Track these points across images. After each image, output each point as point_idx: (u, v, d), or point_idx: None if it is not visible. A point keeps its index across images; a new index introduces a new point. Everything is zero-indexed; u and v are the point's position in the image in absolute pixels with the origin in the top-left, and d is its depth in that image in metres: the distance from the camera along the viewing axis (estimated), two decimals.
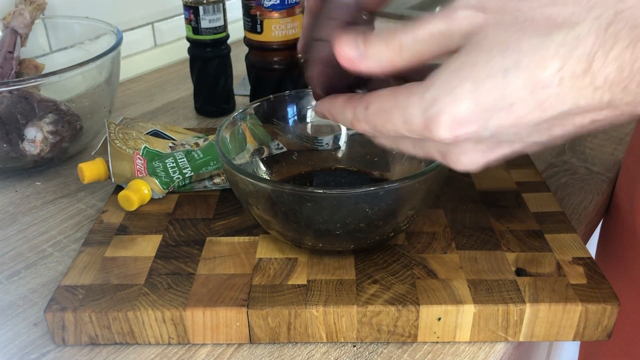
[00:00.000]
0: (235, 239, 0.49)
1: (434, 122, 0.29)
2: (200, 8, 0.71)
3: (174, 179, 0.55)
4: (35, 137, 0.61)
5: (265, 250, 0.48)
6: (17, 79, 0.67)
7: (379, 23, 0.38)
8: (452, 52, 0.30)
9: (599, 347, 0.67)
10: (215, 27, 0.73)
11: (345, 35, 0.31)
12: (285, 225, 0.45)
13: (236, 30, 0.89)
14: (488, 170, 0.58)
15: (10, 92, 0.62)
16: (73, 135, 0.65)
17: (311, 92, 0.43)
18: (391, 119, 0.31)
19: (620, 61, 0.26)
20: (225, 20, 0.73)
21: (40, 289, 0.49)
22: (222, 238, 0.50)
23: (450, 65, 0.29)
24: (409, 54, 0.30)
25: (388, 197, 0.43)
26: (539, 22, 0.27)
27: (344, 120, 0.35)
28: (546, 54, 0.27)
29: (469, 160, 0.31)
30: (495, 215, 0.51)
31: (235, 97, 0.81)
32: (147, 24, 0.94)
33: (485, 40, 0.28)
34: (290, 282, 0.44)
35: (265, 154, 0.55)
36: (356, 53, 0.31)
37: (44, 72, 0.72)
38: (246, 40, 0.73)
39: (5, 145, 0.62)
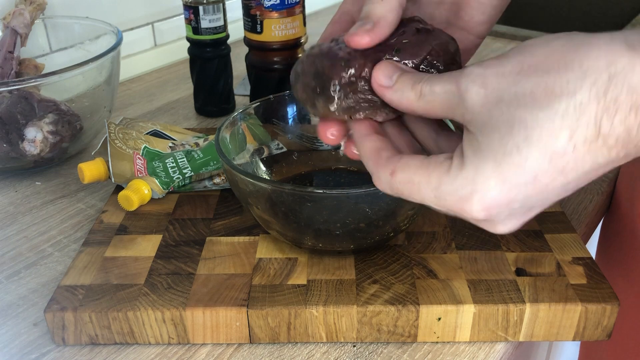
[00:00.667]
0: (235, 239, 0.49)
1: (468, 202, 0.30)
2: (200, 8, 0.71)
3: (174, 179, 0.56)
4: (35, 137, 0.61)
5: (265, 250, 0.48)
6: (17, 79, 0.67)
7: None
8: (458, 119, 0.31)
9: (599, 347, 0.67)
10: (215, 27, 0.73)
11: (388, 63, 0.34)
12: (285, 225, 0.45)
13: (236, 30, 0.89)
14: None
15: (10, 92, 0.62)
16: (73, 135, 0.65)
17: None
18: (420, 192, 0.32)
19: (626, 124, 0.27)
20: (225, 20, 0.73)
21: (40, 289, 0.49)
22: (222, 238, 0.50)
23: (471, 147, 0.30)
24: (425, 102, 0.32)
25: (388, 197, 0.43)
26: (538, 95, 0.28)
27: (365, 166, 0.36)
28: (553, 125, 0.27)
29: (505, 228, 0.32)
30: None
31: (235, 97, 0.81)
32: (147, 24, 0.94)
33: (492, 120, 0.29)
34: (290, 282, 0.44)
35: (265, 154, 0.55)
36: (387, 83, 0.34)
37: (43, 72, 0.72)
38: (246, 40, 0.73)
39: (5, 145, 0.62)
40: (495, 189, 0.29)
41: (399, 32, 0.36)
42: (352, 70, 0.35)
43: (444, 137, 0.36)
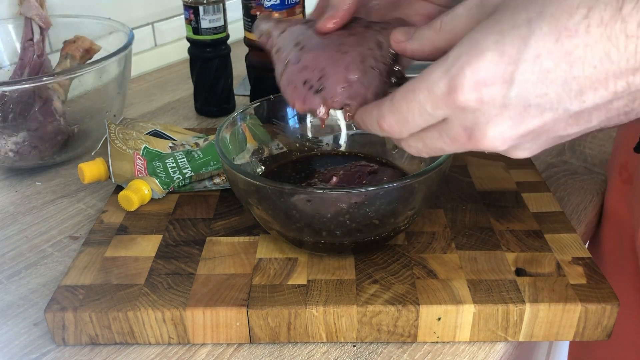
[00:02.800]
0: (235, 239, 0.49)
1: (457, 79, 0.28)
2: (200, 8, 0.71)
3: (174, 179, 0.56)
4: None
5: (265, 250, 0.48)
6: (15, 80, 0.68)
7: None
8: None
9: (590, 347, 0.67)
10: (215, 27, 0.73)
11: (404, 27, 0.35)
12: (285, 225, 0.45)
13: (236, 30, 0.89)
14: (488, 170, 0.58)
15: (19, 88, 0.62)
16: (53, 148, 0.65)
17: None
18: (416, 96, 0.30)
19: None
20: (225, 20, 0.73)
21: (40, 289, 0.49)
22: (222, 238, 0.50)
23: (476, 26, 0.28)
24: (447, 31, 0.31)
25: (388, 197, 0.43)
26: None
27: (371, 121, 0.35)
28: (572, 2, 0.26)
29: (497, 131, 0.29)
30: (495, 215, 0.51)
31: (235, 97, 0.81)
32: (147, 24, 0.94)
33: (512, 1, 0.28)
34: (290, 282, 0.44)
35: (265, 154, 0.55)
36: (405, 37, 0.34)
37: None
38: (246, 40, 0.73)
39: None
40: (491, 61, 0.27)
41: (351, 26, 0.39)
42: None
43: None
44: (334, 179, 0.49)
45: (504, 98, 0.28)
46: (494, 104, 0.28)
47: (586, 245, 0.52)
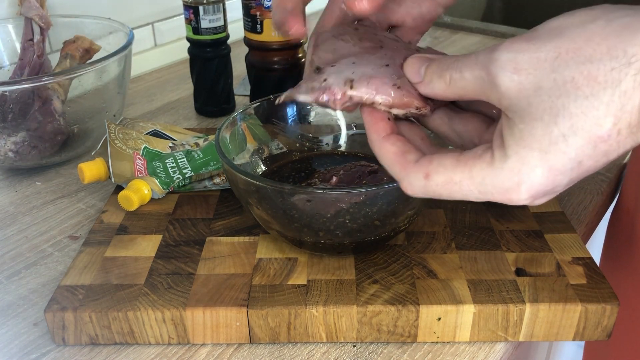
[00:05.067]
0: (235, 239, 0.49)
1: (515, 192, 0.30)
2: (200, 8, 0.71)
3: (174, 179, 0.56)
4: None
5: (265, 250, 0.48)
6: (15, 80, 0.68)
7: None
8: (495, 103, 0.31)
9: (604, 348, 0.67)
10: (215, 27, 0.73)
11: (415, 58, 0.35)
12: (285, 225, 0.45)
13: (236, 30, 0.89)
14: None
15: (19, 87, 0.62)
16: (52, 149, 0.65)
17: None
18: (462, 190, 0.32)
19: None
20: (225, 20, 0.73)
21: (40, 289, 0.49)
22: (222, 238, 0.50)
23: (513, 136, 0.30)
24: (457, 88, 0.32)
25: (388, 197, 0.43)
26: (580, 83, 0.27)
27: (390, 171, 0.35)
28: (598, 114, 0.27)
29: (541, 202, 0.32)
30: (495, 215, 0.51)
31: (235, 97, 0.81)
32: (147, 24, 0.94)
33: (532, 108, 0.29)
34: (290, 282, 0.44)
35: (265, 154, 0.55)
36: (418, 78, 0.35)
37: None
38: (246, 40, 0.73)
39: None
40: (542, 177, 0.29)
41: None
42: None
43: (457, 119, 0.36)
44: (334, 178, 0.50)
45: (553, 193, 0.31)
46: (543, 198, 0.31)
47: (586, 245, 0.52)
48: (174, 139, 0.63)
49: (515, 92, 0.29)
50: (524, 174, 0.30)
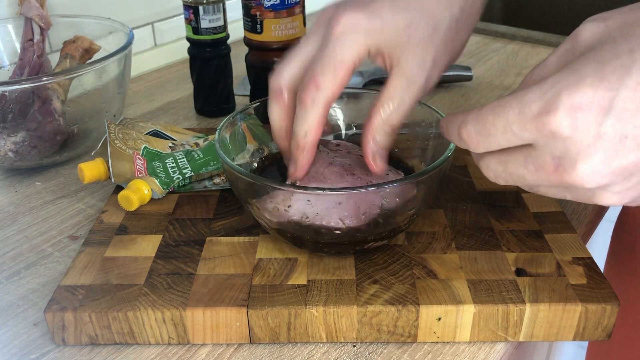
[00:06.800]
0: (235, 239, 0.49)
1: (552, 103, 0.27)
2: (200, 8, 0.71)
3: (174, 179, 0.55)
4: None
5: (265, 250, 0.48)
6: (15, 80, 0.68)
7: None
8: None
9: (606, 348, 0.67)
10: (215, 27, 0.73)
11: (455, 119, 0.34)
12: (285, 225, 0.45)
13: (236, 30, 0.89)
14: None
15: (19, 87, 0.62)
16: (53, 148, 0.65)
17: None
18: (505, 111, 0.29)
19: None
20: (225, 20, 0.73)
21: (40, 289, 0.49)
22: (222, 238, 0.50)
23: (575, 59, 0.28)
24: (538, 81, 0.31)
25: (388, 197, 0.43)
26: None
27: (452, 127, 0.34)
28: None
29: (588, 164, 0.28)
30: (495, 215, 0.51)
31: (235, 97, 0.81)
32: (147, 24, 0.94)
33: (610, 37, 0.28)
34: (290, 282, 0.44)
35: (265, 154, 0.55)
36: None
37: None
38: (246, 40, 0.73)
39: None
40: (590, 85, 0.26)
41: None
42: None
43: None
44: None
45: (599, 126, 0.27)
46: (588, 133, 0.27)
47: (586, 245, 0.52)
48: (174, 139, 0.63)
49: (601, 34, 0.28)
50: (569, 80, 0.27)
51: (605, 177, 0.28)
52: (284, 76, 0.42)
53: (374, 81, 0.84)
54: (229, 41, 0.76)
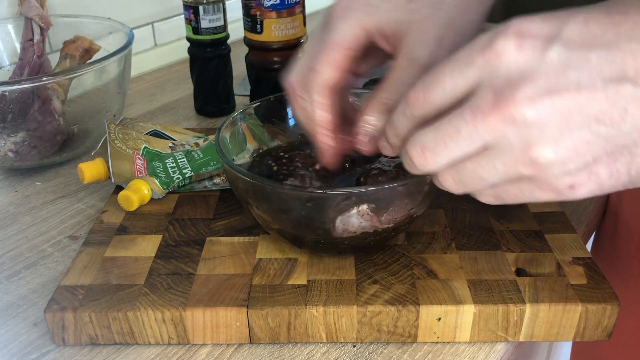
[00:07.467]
0: (235, 239, 0.49)
1: (500, 32, 0.27)
2: (200, 8, 0.71)
3: (174, 179, 0.55)
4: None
5: (265, 250, 0.48)
6: (15, 80, 0.68)
7: None
8: None
9: (593, 347, 0.67)
10: (215, 27, 0.73)
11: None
12: (285, 225, 0.45)
13: (236, 30, 0.88)
14: None
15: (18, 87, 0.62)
16: (53, 148, 0.65)
17: None
18: (455, 55, 0.29)
19: None
20: (225, 20, 0.73)
21: (40, 289, 0.49)
22: (222, 238, 0.50)
23: None
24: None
25: (387, 197, 0.43)
26: None
27: (389, 125, 0.35)
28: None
29: (528, 92, 0.27)
30: (495, 215, 0.51)
31: (235, 97, 0.81)
32: (147, 24, 0.94)
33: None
34: (290, 282, 0.44)
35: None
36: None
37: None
38: (246, 40, 0.73)
39: None
40: (540, 18, 0.27)
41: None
42: None
43: None
44: (317, 165, 0.49)
45: (544, 51, 0.27)
46: (533, 55, 0.27)
47: (586, 245, 0.52)
48: (174, 139, 0.63)
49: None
50: (520, 20, 0.27)
51: (545, 108, 0.27)
52: (293, 75, 0.42)
53: (374, 81, 0.84)
54: (229, 41, 0.76)
